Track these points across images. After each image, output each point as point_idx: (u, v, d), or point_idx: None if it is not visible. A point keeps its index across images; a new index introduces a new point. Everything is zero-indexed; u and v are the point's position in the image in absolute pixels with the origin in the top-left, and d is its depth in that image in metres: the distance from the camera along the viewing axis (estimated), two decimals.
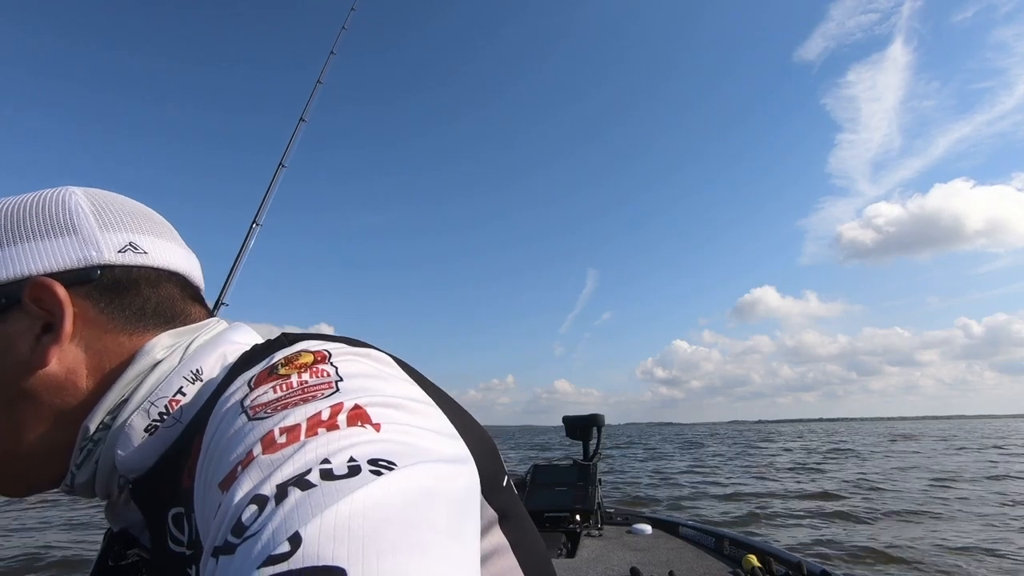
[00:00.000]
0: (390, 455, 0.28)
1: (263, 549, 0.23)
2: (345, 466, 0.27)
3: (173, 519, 0.42)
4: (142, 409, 0.45)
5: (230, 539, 0.25)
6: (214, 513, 0.29)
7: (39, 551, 7.03)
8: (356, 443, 0.29)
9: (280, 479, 0.27)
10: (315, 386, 0.35)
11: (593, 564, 3.33)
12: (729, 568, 3.23)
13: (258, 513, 0.25)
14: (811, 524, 7.80)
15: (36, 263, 0.45)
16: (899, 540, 6.63)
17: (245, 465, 0.29)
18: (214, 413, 0.38)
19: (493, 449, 0.44)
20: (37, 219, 0.47)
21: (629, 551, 3.62)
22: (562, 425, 5.06)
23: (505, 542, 0.43)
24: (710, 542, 3.72)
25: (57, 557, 6.72)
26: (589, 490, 4.28)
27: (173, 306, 0.51)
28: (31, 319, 0.45)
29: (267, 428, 0.31)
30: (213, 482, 0.32)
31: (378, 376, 0.38)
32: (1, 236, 0.46)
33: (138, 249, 0.50)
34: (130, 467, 0.44)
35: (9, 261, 0.45)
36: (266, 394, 0.35)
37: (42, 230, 0.47)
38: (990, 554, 6.02)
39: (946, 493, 10.42)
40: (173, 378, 0.46)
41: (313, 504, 0.24)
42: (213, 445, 0.35)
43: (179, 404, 0.45)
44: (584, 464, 4.56)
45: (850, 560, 5.92)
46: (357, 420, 0.31)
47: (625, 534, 4.11)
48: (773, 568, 3.09)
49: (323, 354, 0.39)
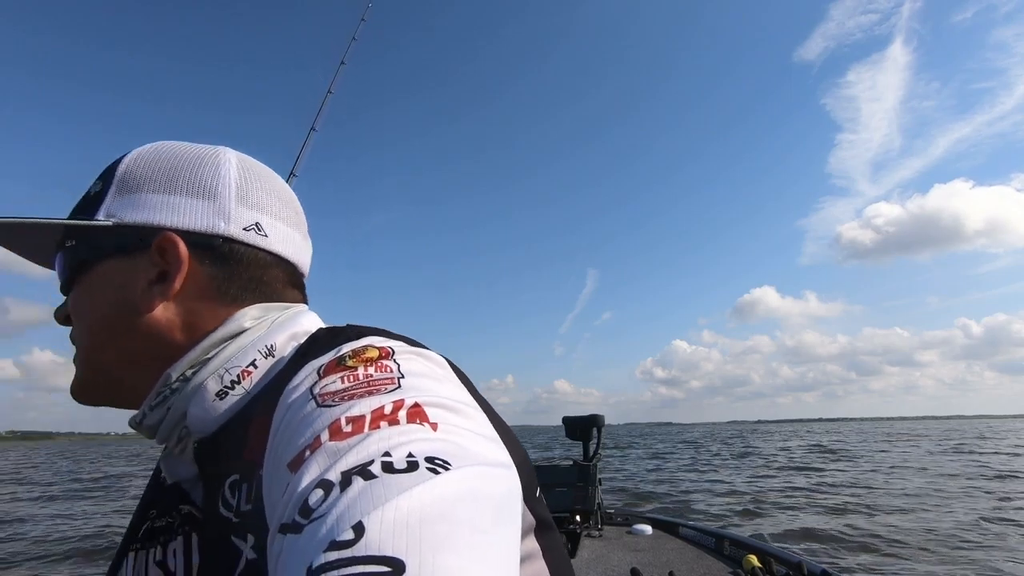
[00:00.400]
0: (445, 454, 0.30)
1: (327, 533, 0.25)
2: (404, 461, 0.29)
3: (230, 485, 0.44)
4: (217, 374, 0.47)
5: (297, 519, 0.27)
6: (282, 491, 0.31)
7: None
8: (414, 439, 0.31)
9: (344, 467, 0.29)
10: (379, 380, 0.37)
11: (593, 564, 3.33)
12: (729, 568, 3.23)
13: (324, 498, 0.27)
14: (804, 522, 7.80)
15: (172, 217, 0.49)
16: (892, 535, 6.63)
17: (313, 449, 0.31)
18: (284, 395, 0.40)
19: (527, 458, 0.46)
20: (187, 176, 0.51)
21: (629, 551, 3.62)
22: (562, 425, 5.07)
23: (538, 548, 0.45)
24: (710, 542, 3.72)
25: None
26: (589, 490, 4.28)
27: (273, 288, 0.54)
28: (151, 265, 0.49)
29: (334, 416, 0.34)
30: (282, 461, 0.34)
31: (434, 377, 0.40)
32: (152, 181, 0.51)
33: (261, 231, 0.53)
34: (197, 426, 0.47)
35: (150, 207, 0.49)
36: (334, 383, 0.38)
37: (188, 187, 0.51)
38: (978, 548, 6.02)
39: (936, 489, 10.42)
40: (249, 350, 0.49)
41: (375, 495, 0.26)
42: (283, 427, 0.37)
43: (250, 376, 0.48)
44: (584, 464, 4.55)
45: (843, 553, 5.93)
46: (416, 417, 0.33)
47: (625, 534, 4.11)
48: (773, 568, 3.09)
49: (387, 350, 0.41)
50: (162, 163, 0.51)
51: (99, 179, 0.52)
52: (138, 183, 0.50)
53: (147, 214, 0.49)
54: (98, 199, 0.51)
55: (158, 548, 0.51)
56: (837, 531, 7.25)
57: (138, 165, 0.51)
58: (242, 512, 0.41)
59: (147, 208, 0.49)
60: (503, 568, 0.26)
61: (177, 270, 0.48)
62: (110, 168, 0.52)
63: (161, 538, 0.51)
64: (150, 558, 0.51)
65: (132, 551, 0.53)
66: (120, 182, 0.51)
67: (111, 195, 0.50)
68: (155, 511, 0.54)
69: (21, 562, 6.83)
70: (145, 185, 0.50)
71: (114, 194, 0.50)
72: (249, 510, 0.41)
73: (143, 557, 0.52)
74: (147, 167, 0.51)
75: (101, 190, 0.51)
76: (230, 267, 0.51)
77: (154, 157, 0.52)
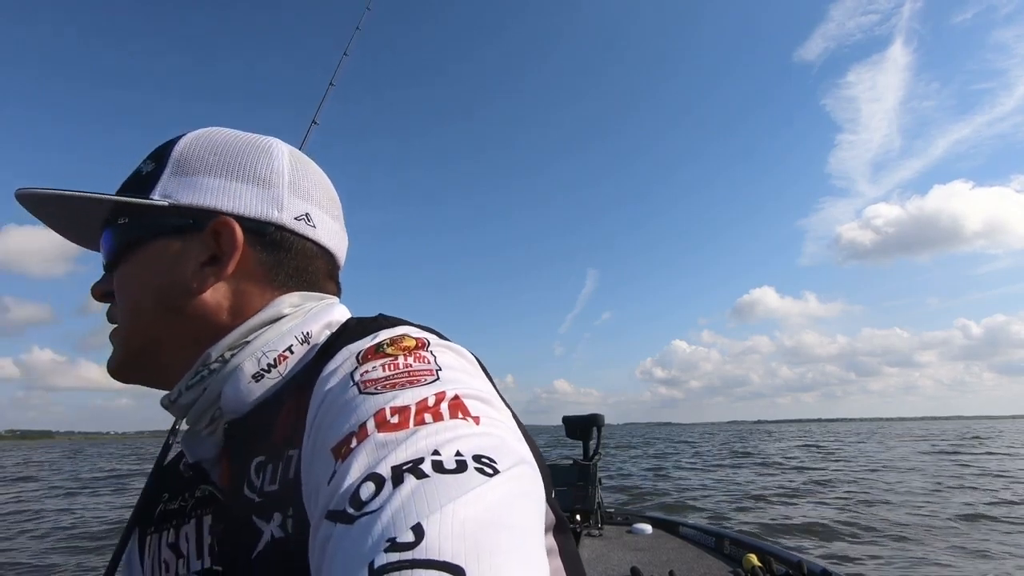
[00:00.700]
0: (490, 451, 0.31)
1: (384, 531, 0.25)
2: (454, 460, 0.29)
3: (255, 466, 0.44)
4: (254, 357, 0.48)
5: (349, 510, 0.28)
6: (327, 476, 0.32)
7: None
8: (460, 436, 0.31)
9: (395, 462, 0.29)
10: (419, 371, 0.37)
11: (593, 564, 3.33)
12: (729, 568, 3.23)
13: (375, 492, 0.28)
14: (804, 523, 7.80)
15: (228, 202, 0.51)
16: (892, 536, 6.63)
17: (360, 439, 0.32)
18: (320, 379, 0.41)
19: (542, 457, 0.47)
20: (243, 162, 0.52)
21: (629, 551, 3.62)
22: (562, 425, 5.07)
23: (556, 547, 0.46)
24: (710, 542, 3.72)
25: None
26: (589, 490, 4.28)
27: (315, 279, 0.55)
28: (203, 247, 0.50)
29: (379, 405, 0.34)
30: (325, 445, 0.34)
31: (467, 371, 0.41)
32: (209, 165, 0.52)
33: (311, 222, 0.54)
34: (232, 407, 0.48)
35: (207, 190, 0.50)
36: (376, 370, 0.38)
37: (244, 174, 0.52)
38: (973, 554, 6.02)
39: (933, 490, 10.43)
40: (287, 336, 0.50)
41: (429, 496, 0.27)
42: (324, 408, 0.37)
43: (286, 360, 0.49)
44: (584, 464, 4.56)
45: (843, 553, 5.93)
46: (458, 411, 0.33)
47: (625, 534, 4.11)
48: (773, 567, 3.09)
49: (423, 341, 0.42)
50: (218, 149, 0.52)
51: (151, 159, 0.53)
52: (194, 166, 0.51)
53: (204, 197, 0.50)
54: (152, 179, 0.51)
55: (171, 531, 0.52)
56: (837, 532, 7.26)
57: (194, 149, 0.52)
58: (266, 492, 0.42)
59: (204, 191, 0.50)
60: (544, 569, 0.27)
61: (231, 254, 0.49)
62: (164, 149, 0.53)
63: (174, 521, 0.52)
64: (163, 540, 0.52)
65: (147, 535, 0.54)
66: (176, 164, 0.51)
67: (167, 176, 0.51)
68: (167, 494, 0.54)
69: (27, 556, 6.85)
70: (202, 169, 0.51)
71: (170, 175, 0.51)
72: (275, 490, 0.42)
73: (156, 540, 0.53)
74: (204, 151, 0.52)
75: (154, 170, 0.51)
76: (279, 254, 0.52)
77: (210, 142, 0.53)
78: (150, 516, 0.55)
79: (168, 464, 0.59)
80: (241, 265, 0.50)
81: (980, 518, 7.94)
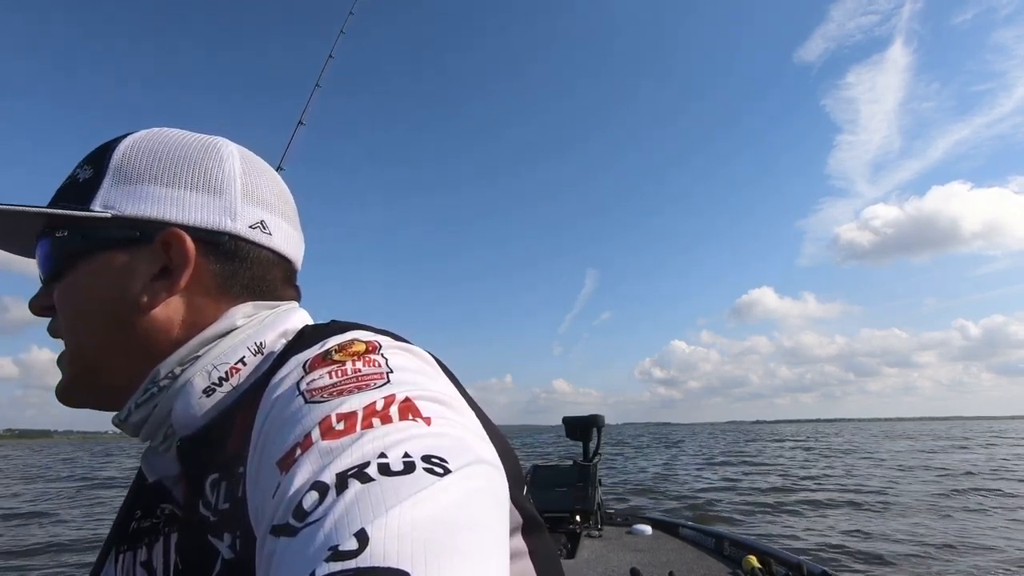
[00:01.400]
0: (440, 451, 0.29)
1: (326, 540, 0.24)
2: (401, 462, 0.28)
3: (210, 484, 0.43)
4: (204, 370, 0.46)
5: (291, 521, 0.26)
6: (272, 491, 0.30)
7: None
8: (409, 437, 0.30)
9: (339, 468, 0.28)
10: (368, 375, 0.36)
11: (593, 565, 3.33)
12: (729, 569, 3.23)
13: (319, 500, 0.27)
14: (803, 522, 7.79)
15: (178, 212, 0.47)
16: (891, 534, 6.63)
17: (304, 448, 0.30)
18: (268, 391, 0.39)
19: (514, 456, 0.45)
20: (192, 169, 0.49)
21: (629, 552, 3.62)
22: (561, 425, 5.07)
23: (524, 548, 0.44)
24: (710, 543, 3.72)
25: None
26: (589, 491, 4.28)
27: (273, 286, 0.53)
28: (153, 260, 0.47)
29: (324, 413, 0.32)
30: (270, 459, 0.33)
31: (423, 372, 0.39)
32: (154, 172, 0.48)
33: (266, 229, 0.52)
34: (182, 423, 0.46)
35: (153, 200, 0.47)
36: (322, 378, 0.36)
37: (193, 182, 0.49)
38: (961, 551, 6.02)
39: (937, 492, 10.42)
40: (239, 347, 0.47)
41: (374, 500, 0.25)
42: (269, 423, 0.36)
43: (238, 372, 0.47)
44: (584, 465, 4.56)
45: (843, 553, 5.93)
46: (408, 413, 0.32)
47: (625, 535, 4.11)
48: (773, 569, 3.09)
49: (374, 344, 0.40)
50: (163, 153, 0.49)
51: (87, 164, 0.49)
52: (138, 174, 0.48)
53: (150, 207, 0.47)
54: (91, 187, 0.48)
55: (143, 548, 0.50)
56: (837, 531, 7.25)
57: (136, 154, 0.49)
58: (219, 510, 0.40)
59: (150, 201, 0.47)
60: (503, 570, 0.26)
61: (183, 267, 0.46)
62: (101, 153, 0.49)
63: (146, 539, 0.50)
64: (137, 558, 0.50)
65: (121, 552, 0.53)
66: (117, 171, 0.48)
67: (107, 184, 0.48)
68: (139, 511, 0.53)
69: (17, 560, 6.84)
70: (146, 176, 0.48)
71: (111, 183, 0.48)
72: (227, 508, 0.40)
73: (129, 558, 0.51)
74: (147, 157, 0.49)
75: (93, 177, 0.48)
76: (234, 265, 0.49)
77: (153, 146, 0.49)
78: (124, 534, 0.53)
79: (140, 481, 0.57)
80: (194, 277, 0.47)
81: (980, 518, 7.92)
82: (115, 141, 0.50)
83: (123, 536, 0.53)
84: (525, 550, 0.44)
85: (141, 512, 0.53)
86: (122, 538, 0.53)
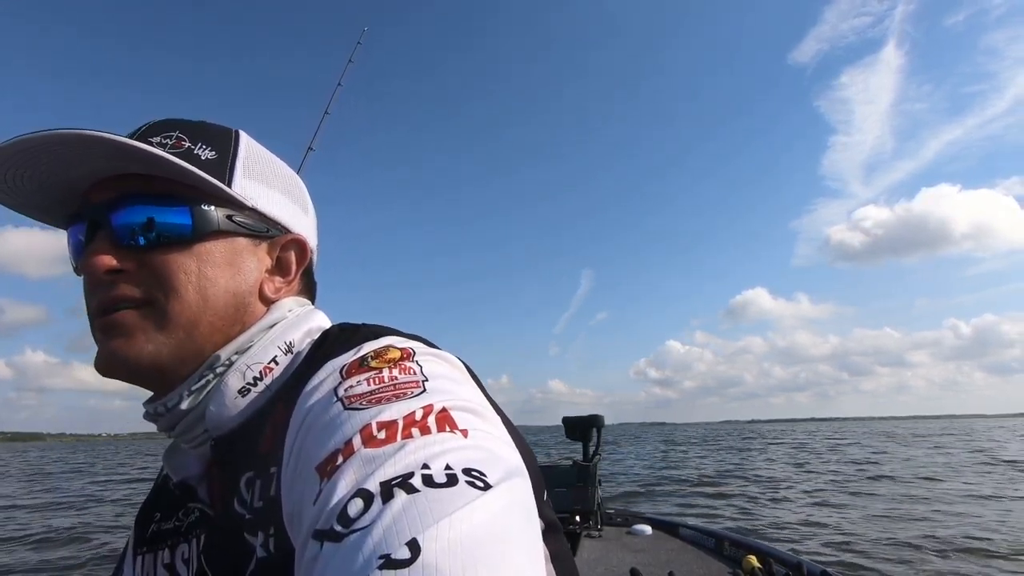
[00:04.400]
0: (479, 464, 0.30)
1: (376, 548, 0.25)
2: (443, 474, 0.29)
3: (245, 482, 0.43)
4: (239, 371, 0.47)
5: (336, 527, 0.27)
6: (312, 495, 0.31)
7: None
8: (449, 449, 0.31)
9: (383, 477, 0.29)
10: (405, 383, 0.37)
11: (593, 565, 3.33)
12: (729, 569, 3.23)
13: (364, 508, 0.27)
14: (802, 522, 7.79)
15: (294, 222, 0.55)
16: (890, 535, 6.63)
17: (346, 456, 0.31)
18: (303, 395, 0.40)
19: (535, 460, 0.46)
20: (293, 186, 0.57)
21: (629, 552, 3.62)
22: (558, 425, 5.07)
23: (547, 553, 0.45)
24: (710, 543, 3.72)
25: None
26: (589, 491, 4.27)
27: (313, 290, 0.60)
28: (271, 257, 0.53)
29: (364, 420, 0.33)
30: (309, 464, 0.33)
31: (455, 379, 0.40)
32: (277, 179, 0.54)
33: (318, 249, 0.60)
34: (217, 423, 0.46)
35: (276, 204, 0.53)
36: (360, 385, 0.37)
37: (296, 198, 0.56)
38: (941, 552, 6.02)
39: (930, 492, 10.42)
40: (270, 346, 0.49)
41: (422, 511, 0.26)
42: (307, 428, 0.36)
43: (271, 372, 0.48)
44: (584, 465, 4.55)
45: (843, 553, 5.93)
46: (445, 424, 0.33)
47: (625, 535, 4.11)
48: (773, 569, 3.09)
49: (409, 351, 0.41)
50: (273, 163, 0.55)
51: (206, 144, 0.48)
52: (265, 176, 0.52)
53: (276, 209, 0.52)
54: (222, 169, 0.48)
55: (165, 551, 0.51)
56: (837, 531, 7.25)
57: (257, 155, 0.53)
58: (255, 509, 0.41)
59: (275, 204, 0.52)
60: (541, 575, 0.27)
61: (296, 270, 0.54)
62: (222, 138, 0.50)
63: (168, 541, 0.51)
64: (158, 560, 0.51)
65: (141, 554, 0.53)
66: (246, 165, 0.50)
67: (241, 175, 0.49)
68: (159, 513, 0.53)
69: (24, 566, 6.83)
70: (271, 179, 0.53)
71: (244, 175, 0.49)
72: (261, 507, 0.41)
73: (150, 560, 0.52)
74: (267, 162, 0.54)
75: (218, 161, 0.48)
76: (309, 276, 0.58)
77: (264, 153, 0.54)
78: (144, 536, 0.54)
79: (160, 482, 0.58)
80: (296, 282, 0.55)
81: (979, 517, 7.92)
82: (227, 130, 0.52)
83: (143, 538, 0.53)
84: (547, 554, 0.45)
85: (161, 514, 0.53)
86: (142, 540, 0.53)
